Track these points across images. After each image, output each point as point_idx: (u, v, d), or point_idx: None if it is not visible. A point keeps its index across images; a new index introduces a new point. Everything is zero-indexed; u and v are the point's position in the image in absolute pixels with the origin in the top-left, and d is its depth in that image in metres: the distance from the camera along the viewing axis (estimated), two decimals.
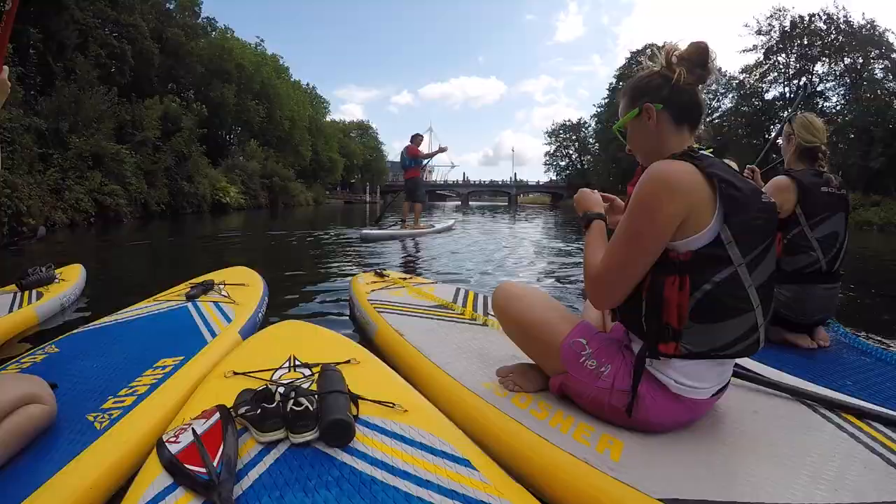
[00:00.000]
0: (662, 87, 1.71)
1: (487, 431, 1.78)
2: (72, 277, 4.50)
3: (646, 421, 1.67)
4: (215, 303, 3.31)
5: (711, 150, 1.72)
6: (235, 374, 2.00)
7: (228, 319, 3.00)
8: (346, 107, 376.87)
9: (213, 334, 2.72)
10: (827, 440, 1.71)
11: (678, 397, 1.65)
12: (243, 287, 3.79)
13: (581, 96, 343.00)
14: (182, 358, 2.31)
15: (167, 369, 2.20)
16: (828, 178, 2.87)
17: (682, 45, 1.73)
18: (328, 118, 75.77)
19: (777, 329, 2.89)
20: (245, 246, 10.85)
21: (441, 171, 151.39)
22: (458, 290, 3.79)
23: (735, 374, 1.99)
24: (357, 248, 9.56)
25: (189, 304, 3.27)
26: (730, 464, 1.56)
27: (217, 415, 1.55)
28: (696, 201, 1.51)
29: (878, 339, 3.50)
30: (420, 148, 11.71)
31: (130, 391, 1.98)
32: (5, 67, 1.71)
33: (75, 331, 2.84)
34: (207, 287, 3.60)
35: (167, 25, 36.73)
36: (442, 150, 12.07)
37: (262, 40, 54.63)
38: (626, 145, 1.85)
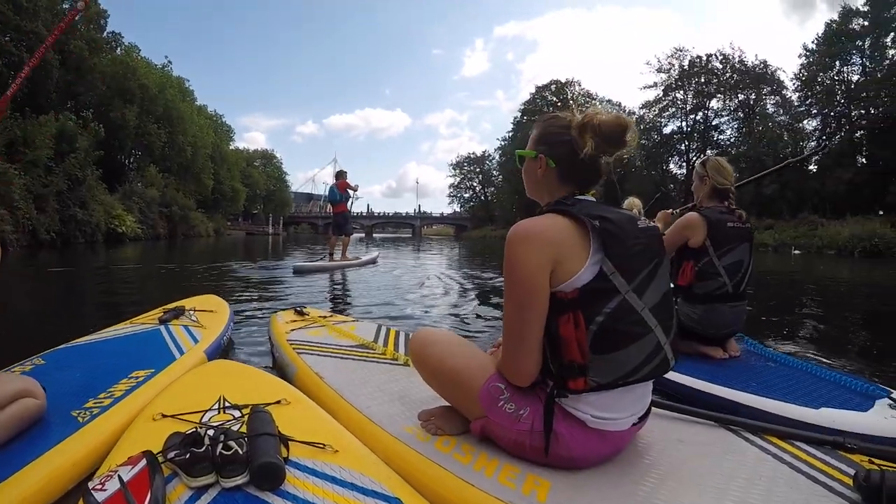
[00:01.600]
0: (563, 146, 1.78)
1: (412, 477, 1.73)
2: None
3: (569, 458, 1.68)
4: (185, 326, 3.60)
5: (593, 193, 1.83)
6: (164, 416, 1.96)
7: (196, 340, 3.29)
8: (251, 134, 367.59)
9: (182, 352, 3.03)
10: (751, 464, 1.78)
11: (598, 431, 1.67)
12: (211, 313, 4.05)
13: (484, 130, 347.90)
14: (153, 370, 2.64)
15: (139, 378, 2.53)
16: (739, 214, 3.30)
17: (604, 116, 1.76)
18: (231, 146, 73.52)
19: (692, 343, 3.26)
20: (151, 280, 10.42)
21: None
22: (379, 327, 3.75)
23: (657, 405, 2.10)
24: (278, 281, 9.48)
25: (161, 327, 3.56)
26: (657, 495, 1.58)
27: (144, 461, 1.49)
28: (561, 247, 1.59)
29: (780, 346, 4.07)
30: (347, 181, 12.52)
31: (108, 395, 2.31)
32: None
33: (58, 347, 3.13)
34: (178, 312, 3.90)
35: (70, 37, 34.88)
36: (355, 188, 12.67)
37: (169, 61, 53.01)
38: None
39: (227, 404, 2.07)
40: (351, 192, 12.54)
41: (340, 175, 12.67)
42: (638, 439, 1.90)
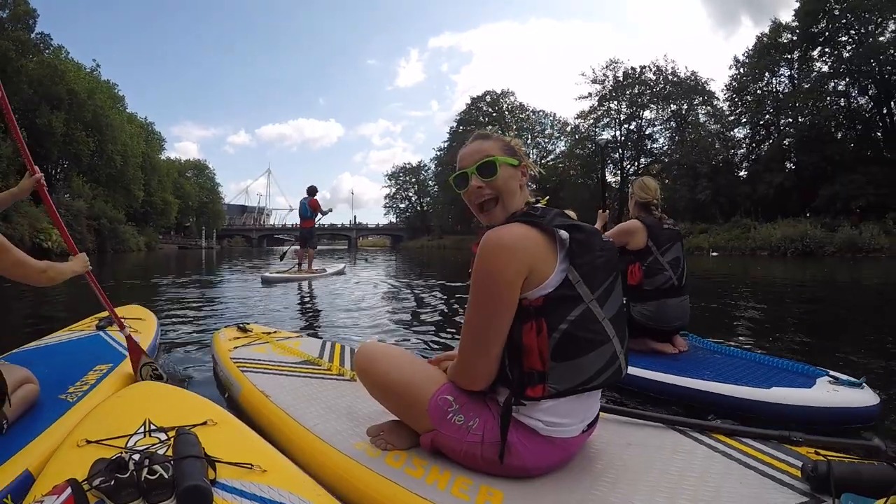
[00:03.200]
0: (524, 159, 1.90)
1: (364, 495, 1.73)
2: None
3: (522, 467, 1.70)
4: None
5: (548, 199, 1.90)
6: (89, 442, 1.85)
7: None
8: (182, 144, 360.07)
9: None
10: (701, 462, 1.83)
11: (549, 439, 1.70)
12: (140, 320, 4.31)
13: (418, 140, 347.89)
14: (111, 364, 3.04)
15: (104, 370, 2.94)
16: (661, 218, 3.78)
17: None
18: (163, 156, 70.29)
19: (645, 340, 3.64)
20: (81, 296, 9.77)
21: (279, 214, 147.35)
22: (323, 343, 3.68)
23: (605, 409, 2.17)
24: (217, 297, 9.34)
25: (100, 333, 3.93)
26: (611, 499, 1.60)
27: (69, 489, 1.41)
28: (535, 256, 1.60)
29: (723, 340, 4.45)
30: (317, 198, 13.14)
31: (83, 383, 2.72)
32: None
33: (12, 351, 3.40)
34: (111, 320, 3.91)
35: None
36: (325, 212, 13.50)
37: (97, 65, 50.84)
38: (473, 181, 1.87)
39: (152, 427, 1.99)
40: (320, 213, 13.12)
41: (312, 191, 13.08)
42: (589, 445, 1.94)
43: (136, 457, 1.54)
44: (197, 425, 1.94)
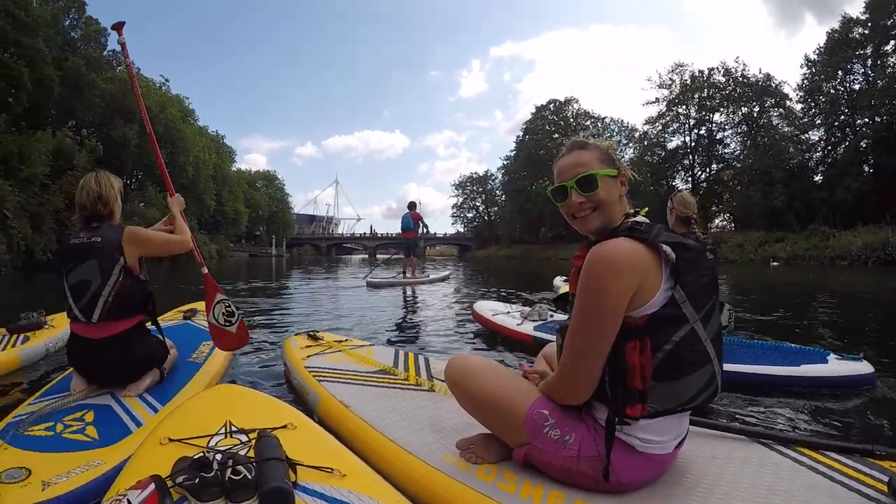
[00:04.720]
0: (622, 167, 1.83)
1: None
2: (61, 325, 4.75)
3: (618, 482, 1.68)
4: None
5: (647, 211, 1.84)
6: (171, 440, 1.87)
7: None
8: (251, 156, 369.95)
9: None
10: (788, 476, 1.81)
11: (646, 455, 1.69)
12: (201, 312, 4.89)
13: (482, 150, 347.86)
14: (212, 344, 3.55)
15: (209, 346, 3.67)
16: (698, 237, 3.91)
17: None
18: (233, 167, 72.73)
19: None
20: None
21: (347, 224, 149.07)
22: (397, 352, 3.66)
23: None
24: (286, 304, 9.45)
25: (189, 322, 4.74)
26: None
27: (152, 485, 1.44)
28: (643, 275, 1.57)
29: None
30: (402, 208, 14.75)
31: (198, 354, 3.58)
32: None
33: None
34: (194, 312, 4.95)
35: (70, 54, 34.53)
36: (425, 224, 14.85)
37: (166, 80, 52.83)
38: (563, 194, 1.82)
39: (233, 429, 2.01)
40: (421, 223, 14.50)
41: (412, 205, 14.65)
42: (676, 458, 1.92)
43: (219, 457, 1.56)
44: (277, 428, 1.95)
